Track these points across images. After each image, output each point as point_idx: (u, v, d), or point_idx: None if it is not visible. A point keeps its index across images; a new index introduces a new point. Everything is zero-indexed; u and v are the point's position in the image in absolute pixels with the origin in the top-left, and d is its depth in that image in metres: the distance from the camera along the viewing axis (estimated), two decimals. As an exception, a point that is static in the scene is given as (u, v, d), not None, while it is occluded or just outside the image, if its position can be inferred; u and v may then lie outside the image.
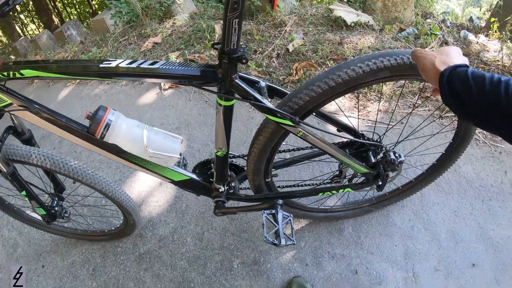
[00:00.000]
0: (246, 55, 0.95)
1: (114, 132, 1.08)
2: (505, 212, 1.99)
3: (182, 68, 0.97)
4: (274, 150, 1.24)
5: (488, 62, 2.57)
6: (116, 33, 3.55)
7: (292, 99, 1.07)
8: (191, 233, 1.86)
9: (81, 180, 1.36)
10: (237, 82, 0.99)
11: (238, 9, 0.82)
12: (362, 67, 1.02)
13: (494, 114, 0.68)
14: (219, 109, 1.07)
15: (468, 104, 0.72)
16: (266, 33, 2.82)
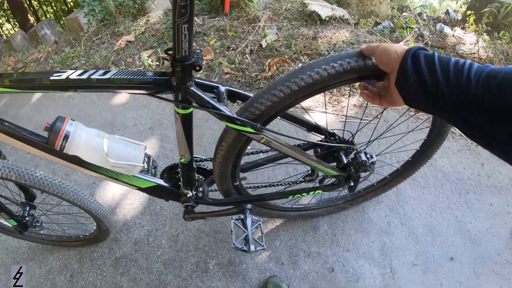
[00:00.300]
0: (200, 61, 0.90)
1: (73, 143, 1.04)
2: (483, 204, 2.00)
3: (135, 78, 0.93)
4: (239, 155, 1.21)
5: (464, 55, 2.57)
6: (90, 32, 3.48)
7: (253, 104, 1.02)
8: (166, 235, 1.84)
9: (48, 190, 1.32)
10: (193, 90, 0.95)
11: (186, 14, 0.76)
12: (327, 69, 0.96)
13: (457, 99, 0.64)
14: (177, 117, 1.03)
15: (430, 82, 0.69)
16: (240, 29, 2.78)
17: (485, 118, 0.59)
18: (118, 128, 2.25)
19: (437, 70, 0.68)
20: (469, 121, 0.63)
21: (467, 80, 0.62)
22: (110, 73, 0.92)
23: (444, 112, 0.68)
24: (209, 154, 2.08)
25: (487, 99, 0.59)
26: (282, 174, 2.00)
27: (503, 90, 0.56)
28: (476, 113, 0.61)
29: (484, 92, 0.59)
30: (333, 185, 1.42)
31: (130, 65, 2.77)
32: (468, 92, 0.61)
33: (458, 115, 0.65)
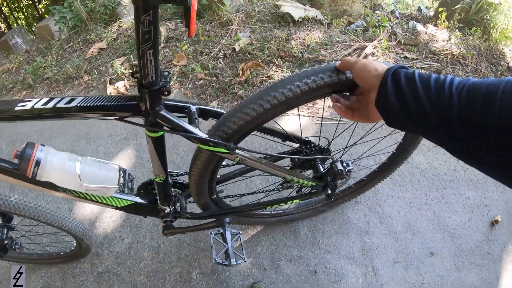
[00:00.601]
0: (168, 85, 0.88)
1: (45, 169, 1.01)
2: (460, 199, 2.04)
3: (102, 104, 0.90)
4: (215, 172, 1.21)
5: (437, 52, 2.60)
6: (61, 40, 3.40)
7: (226, 123, 1.01)
8: (147, 247, 1.82)
9: (24, 214, 1.29)
10: (163, 114, 0.93)
11: (151, 39, 0.74)
12: (300, 86, 0.94)
13: (439, 115, 0.63)
14: (148, 140, 1.02)
15: (411, 100, 0.67)
16: (213, 33, 2.75)
17: (469, 133, 0.58)
18: (93, 140, 2.22)
19: (418, 88, 0.67)
20: (452, 136, 0.62)
21: (449, 95, 0.61)
22: (76, 101, 0.89)
23: (426, 129, 0.67)
24: (185, 162, 2.07)
25: (471, 114, 0.58)
26: (259, 181, 2.00)
27: (487, 104, 0.55)
28: (459, 128, 0.60)
29: (468, 106, 0.58)
30: (311, 194, 1.43)
31: (103, 73, 2.72)
32: (450, 108, 0.60)
33: (441, 131, 0.64)
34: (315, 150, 1.33)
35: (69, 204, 1.97)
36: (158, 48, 0.78)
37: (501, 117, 0.53)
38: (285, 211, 1.80)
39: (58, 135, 2.26)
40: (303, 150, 1.33)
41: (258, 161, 1.11)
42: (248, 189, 1.98)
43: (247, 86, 2.35)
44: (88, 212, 1.95)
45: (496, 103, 0.54)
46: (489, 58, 2.67)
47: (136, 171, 2.06)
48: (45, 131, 2.29)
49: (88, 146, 2.19)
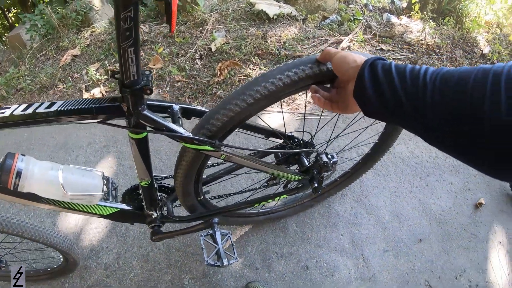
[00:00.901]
0: (150, 84, 0.86)
1: (27, 180, 0.97)
2: (443, 184, 2.08)
3: (83, 107, 0.87)
4: (200, 171, 1.19)
5: (412, 43, 2.64)
6: (33, 48, 3.31)
7: (209, 121, 1.00)
8: (135, 256, 1.79)
9: (7, 231, 1.24)
10: (145, 114, 0.91)
11: (132, 36, 0.72)
12: (282, 79, 0.95)
13: (414, 105, 0.63)
14: (132, 142, 1.00)
15: (388, 91, 0.68)
16: (188, 34, 2.72)
17: (443, 122, 0.58)
18: (72, 150, 2.16)
19: (394, 79, 0.67)
20: (427, 126, 0.62)
21: (423, 85, 0.62)
22: (56, 105, 0.86)
23: (403, 120, 0.67)
24: (168, 167, 2.04)
25: (443, 103, 0.58)
26: (245, 179, 1.99)
27: (459, 93, 0.56)
28: (434, 118, 0.60)
29: (440, 96, 0.59)
30: (298, 188, 1.43)
31: (78, 81, 2.66)
32: (424, 98, 0.61)
33: (416, 121, 0.64)
34: (299, 144, 1.33)
35: (52, 218, 1.92)
36: (139, 46, 0.76)
37: (472, 105, 0.53)
38: (272, 208, 1.79)
39: (35, 147, 2.20)
40: (287, 145, 1.33)
41: (244, 157, 1.09)
42: (233, 189, 1.97)
43: (225, 86, 2.34)
44: (72, 225, 1.89)
45: (468, 92, 0.54)
46: (463, 46, 2.73)
47: (119, 179, 2.02)
48: (22, 143, 2.23)
49: (67, 156, 2.14)
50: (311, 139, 1.34)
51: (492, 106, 0.50)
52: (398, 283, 1.77)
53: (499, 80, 0.51)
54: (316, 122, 2.16)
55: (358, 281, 1.75)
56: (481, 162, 0.57)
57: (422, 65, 0.66)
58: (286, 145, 1.33)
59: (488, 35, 2.84)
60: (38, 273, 1.72)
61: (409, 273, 1.80)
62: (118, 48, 0.74)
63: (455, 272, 1.84)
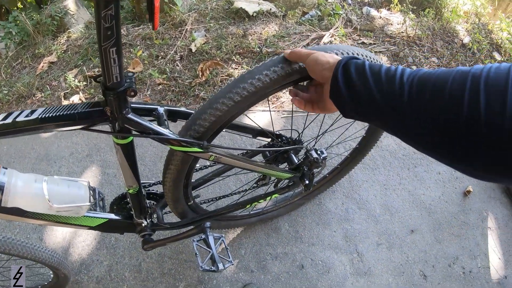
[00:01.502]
0: (134, 85, 0.82)
1: (10, 194, 0.92)
2: (431, 174, 2.09)
3: (65, 113, 0.83)
4: (189, 175, 1.16)
5: (393, 35, 2.66)
6: (8, 57, 3.22)
7: (196, 122, 0.97)
8: (127, 267, 1.74)
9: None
10: (130, 118, 0.87)
11: (113, 36, 0.68)
12: (268, 74, 0.93)
13: (390, 106, 0.62)
14: (117, 148, 0.96)
15: (363, 92, 0.67)
16: (167, 35, 2.68)
17: (418, 123, 0.58)
18: (54, 161, 2.10)
19: (369, 79, 0.66)
20: (403, 126, 0.61)
21: (400, 86, 0.61)
22: (37, 112, 0.82)
23: (378, 121, 0.67)
24: (154, 173, 2.00)
25: (421, 104, 0.57)
26: (234, 182, 1.96)
27: (437, 93, 0.55)
28: (410, 119, 0.59)
29: (418, 96, 0.58)
30: (289, 186, 1.41)
31: (56, 88, 2.59)
32: (402, 98, 0.60)
33: (392, 122, 0.63)
34: (288, 142, 1.31)
35: (39, 233, 1.86)
36: (121, 46, 0.73)
37: (450, 107, 0.53)
38: (264, 209, 1.77)
39: (16, 160, 2.13)
40: (275, 143, 1.31)
41: (234, 157, 1.07)
42: (223, 193, 1.94)
43: (208, 87, 2.31)
44: (60, 239, 1.84)
45: (446, 93, 0.53)
46: (443, 37, 2.75)
47: (104, 189, 1.97)
48: (2, 157, 2.16)
49: (49, 168, 2.08)
50: (299, 136, 1.32)
51: (471, 107, 0.50)
52: (393, 275, 1.77)
53: (478, 83, 0.50)
54: (302, 119, 2.15)
55: (354, 276, 1.75)
56: (457, 161, 0.56)
57: (398, 66, 0.66)
58: (274, 144, 1.31)
59: (468, 25, 2.88)
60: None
61: (403, 265, 1.81)
62: (100, 49, 0.71)
63: (448, 260, 1.86)
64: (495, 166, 0.51)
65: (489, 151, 0.49)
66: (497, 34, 2.87)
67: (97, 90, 2.44)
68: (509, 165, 0.48)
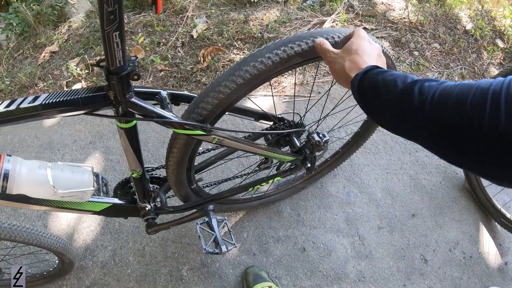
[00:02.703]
0: (137, 69, 0.83)
1: (15, 181, 0.94)
2: (432, 160, 2.10)
3: (68, 99, 0.84)
4: (192, 158, 1.17)
5: (395, 21, 2.64)
6: (10, 48, 3.22)
7: (199, 105, 0.98)
8: (131, 251, 1.76)
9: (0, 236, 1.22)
10: (134, 101, 0.88)
11: (116, 20, 0.69)
12: (271, 57, 0.94)
13: (408, 117, 0.63)
14: (121, 132, 0.97)
15: (379, 111, 0.70)
16: (168, 22, 2.67)
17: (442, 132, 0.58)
18: (58, 149, 2.11)
19: (383, 96, 0.68)
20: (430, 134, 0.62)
21: (420, 102, 0.61)
22: (40, 99, 0.83)
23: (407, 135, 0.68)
24: (157, 158, 2.01)
25: (442, 119, 0.58)
26: (236, 166, 1.98)
27: (457, 110, 0.55)
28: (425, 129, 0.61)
29: (439, 112, 0.58)
30: (291, 169, 1.42)
31: (58, 77, 2.60)
32: (423, 114, 0.60)
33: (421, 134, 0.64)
34: (290, 125, 1.32)
35: (43, 220, 1.88)
36: (124, 30, 0.74)
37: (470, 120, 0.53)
38: (266, 193, 1.78)
39: (20, 149, 2.15)
40: (277, 127, 1.32)
41: (237, 140, 1.08)
42: (225, 177, 1.95)
43: (209, 72, 2.31)
44: (65, 226, 1.86)
45: (467, 110, 0.54)
46: (445, 23, 2.73)
47: (107, 175, 1.98)
48: (6, 146, 2.17)
49: (53, 156, 2.09)
50: (301, 120, 1.33)
51: (491, 120, 0.50)
52: (394, 259, 1.79)
53: (499, 98, 0.51)
54: (303, 104, 2.15)
55: (355, 259, 1.77)
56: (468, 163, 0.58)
57: (416, 81, 0.64)
58: (276, 127, 1.32)
59: (470, 12, 2.86)
60: (35, 278, 1.68)
61: (404, 249, 1.83)
62: (103, 33, 0.72)
63: (449, 245, 1.87)
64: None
65: (505, 158, 0.51)
66: (500, 21, 2.84)
67: (99, 78, 2.44)
68: None
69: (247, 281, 1.61)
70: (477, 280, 1.82)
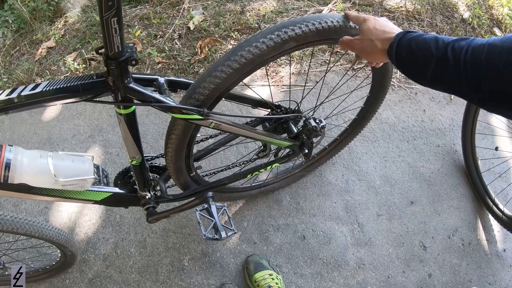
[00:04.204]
0: (135, 55, 0.85)
1: (17, 170, 0.95)
2: (430, 147, 2.11)
3: (67, 85, 0.86)
4: (191, 145, 1.18)
5: (392, 10, 2.64)
6: (6, 45, 3.21)
7: (196, 90, 0.99)
8: (133, 243, 1.77)
9: (1, 229, 1.21)
10: (132, 87, 0.90)
11: (114, 6, 0.71)
12: (265, 42, 0.96)
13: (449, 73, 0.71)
14: (120, 118, 0.98)
15: (420, 74, 0.78)
16: (164, 15, 2.67)
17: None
18: (57, 143, 2.12)
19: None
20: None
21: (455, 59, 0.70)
22: (41, 86, 0.85)
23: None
24: (156, 149, 2.02)
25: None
26: (234, 155, 1.98)
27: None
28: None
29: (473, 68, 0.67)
30: (289, 156, 1.43)
31: (56, 73, 2.60)
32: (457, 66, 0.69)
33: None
34: (287, 112, 1.33)
35: (44, 215, 1.89)
36: (122, 16, 0.75)
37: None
38: (265, 181, 1.80)
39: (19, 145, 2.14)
40: (274, 113, 1.33)
41: (234, 124, 1.09)
42: (224, 165, 1.96)
43: (207, 64, 2.31)
44: (66, 219, 1.87)
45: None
46: (443, 11, 2.74)
47: (107, 167, 1.99)
48: (5, 143, 2.17)
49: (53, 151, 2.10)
50: (298, 106, 1.34)
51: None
52: (393, 246, 1.81)
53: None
54: (300, 93, 2.16)
55: (355, 246, 1.78)
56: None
57: (446, 43, 0.72)
58: (274, 114, 1.33)
59: (468, 0, 2.86)
60: (38, 273, 1.68)
61: (403, 236, 1.84)
62: (101, 20, 0.74)
63: (447, 232, 1.88)
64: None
65: None
66: (498, 9, 2.84)
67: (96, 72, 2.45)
68: None
69: (248, 269, 1.63)
70: (476, 267, 1.83)
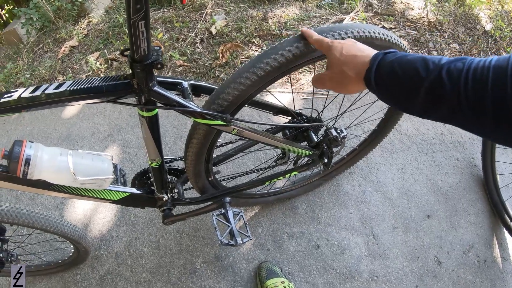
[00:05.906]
0: (161, 58, 0.85)
1: (36, 167, 0.95)
2: (449, 161, 2.08)
3: (92, 86, 0.86)
4: (211, 149, 1.18)
5: (414, 20, 2.63)
6: (30, 42, 3.27)
7: (220, 96, 0.99)
8: (146, 243, 1.78)
9: (18, 222, 1.23)
10: (156, 90, 0.90)
11: (142, 9, 0.71)
12: (291, 50, 0.95)
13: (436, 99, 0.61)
14: (142, 121, 0.99)
15: (407, 101, 0.66)
16: (187, 18, 2.69)
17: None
18: (76, 141, 2.15)
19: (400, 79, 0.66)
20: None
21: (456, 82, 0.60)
22: (64, 85, 0.85)
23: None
24: (174, 152, 2.03)
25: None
26: (252, 161, 1.98)
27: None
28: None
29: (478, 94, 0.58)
30: (308, 165, 1.42)
31: (78, 71, 2.64)
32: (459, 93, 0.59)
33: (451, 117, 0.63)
34: (308, 121, 1.32)
35: (60, 210, 1.91)
36: (149, 19, 0.75)
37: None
38: (282, 188, 1.79)
39: (38, 140, 2.13)
40: (296, 121, 1.32)
41: (256, 132, 1.09)
42: (242, 171, 1.96)
43: (228, 68, 2.32)
44: (81, 216, 1.89)
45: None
46: (465, 23, 2.71)
47: (125, 167, 2.01)
48: (25, 137, 2.21)
49: (71, 147, 2.11)
50: (319, 116, 1.33)
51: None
52: (408, 260, 1.78)
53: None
54: (321, 101, 2.15)
55: (369, 258, 1.76)
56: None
57: (440, 66, 0.62)
58: (295, 122, 1.33)
59: (490, 12, 2.82)
60: (50, 266, 1.70)
61: (418, 249, 1.81)
62: (128, 22, 0.74)
63: (463, 248, 1.85)
64: None
65: None
66: (521, 22, 2.81)
67: (118, 73, 2.48)
68: None
69: (260, 276, 1.62)
70: (490, 285, 1.79)
